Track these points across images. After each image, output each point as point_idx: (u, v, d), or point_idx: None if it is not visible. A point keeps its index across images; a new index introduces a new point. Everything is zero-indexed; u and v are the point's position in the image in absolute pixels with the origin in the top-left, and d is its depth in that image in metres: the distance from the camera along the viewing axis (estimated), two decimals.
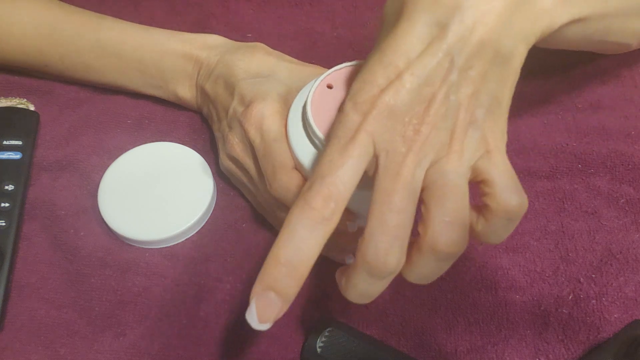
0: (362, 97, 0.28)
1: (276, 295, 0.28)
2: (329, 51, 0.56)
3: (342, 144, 0.28)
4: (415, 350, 0.41)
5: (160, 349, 0.41)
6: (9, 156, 0.48)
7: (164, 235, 0.44)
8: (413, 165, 0.27)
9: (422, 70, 0.27)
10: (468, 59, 0.28)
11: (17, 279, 0.44)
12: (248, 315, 0.28)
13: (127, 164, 0.47)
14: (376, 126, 0.27)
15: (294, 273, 0.27)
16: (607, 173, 0.47)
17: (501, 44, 0.28)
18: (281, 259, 0.27)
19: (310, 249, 0.27)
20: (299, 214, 0.27)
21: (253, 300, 0.28)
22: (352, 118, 0.28)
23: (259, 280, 0.28)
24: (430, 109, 0.27)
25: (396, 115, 0.27)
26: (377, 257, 0.27)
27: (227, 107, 0.43)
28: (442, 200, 0.27)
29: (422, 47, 0.27)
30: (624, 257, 0.44)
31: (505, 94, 0.29)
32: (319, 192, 0.27)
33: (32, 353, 0.41)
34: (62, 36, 0.49)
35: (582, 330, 0.41)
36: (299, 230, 0.27)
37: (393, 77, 0.27)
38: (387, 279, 0.28)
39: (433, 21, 0.28)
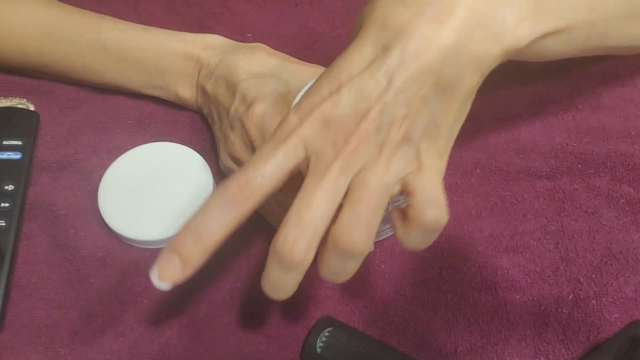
0: (304, 104, 0.30)
1: (179, 259, 0.30)
2: (329, 51, 0.56)
3: (275, 142, 0.30)
4: (415, 350, 0.41)
5: (160, 349, 0.41)
6: (9, 156, 0.48)
7: (164, 235, 0.44)
8: (338, 171, 0.29)
9: (359, 86, 0.29)
10: (406, 82, 0.29)
11: (17, 279, 0.44)
12: (151, 271, 0.31)
13: (127, 164, 0.47)
14: (310, 131, 0.29)
15: (199, 242, 0.30)
16: (607, 173, 0.47)
17: (444, 71, 0.29)
18: (191, 228, 0.30)
19: (218, 225, 0.30)
20: (216, 194, 0.30)
21: (158, 260, 0.30)
22: (291, 121, 0.30)
23: (169, 243, 0.31)
24: (362, 122, 0.29)
25: (330, 125, 0.29)
26: (284, 246, 0.29)
27: (229, 107, 0.43)
28: (356, 203, 0.29)
29: (364, 66, 0.29)
30: (624, 257, 0.44)
31: (447, 120, 0.30)
32: (237, 179, 0.29)
33: (32, 353, 0.41)
34: (62, 36, 0.49)
35: (582, 330, 0.41)
36: (212, 208, 0.30)
37: (334, 90, 0.29)
38: (295, 271, 0.30)
39: (379, 43, 0.29)
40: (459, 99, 0.30)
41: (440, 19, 0.28)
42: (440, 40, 0.28)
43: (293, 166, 0.30)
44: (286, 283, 0.31)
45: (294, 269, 0.30)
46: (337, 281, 0.32)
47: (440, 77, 0.29)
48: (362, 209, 0.29)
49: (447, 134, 0.31)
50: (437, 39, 0.28)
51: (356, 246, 0.29)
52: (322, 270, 0.31)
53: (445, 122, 0.30)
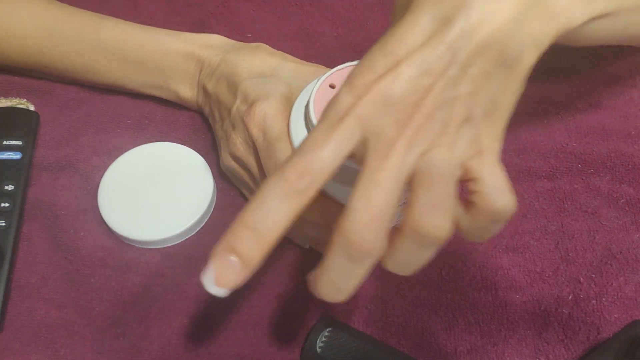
0: (358, 82, 0.27)
1: (238, 258, 0.27)
2: (329, 51, 0.56)
3: (329, 124, 0.27)
4: (415, 350, 0.41)
5: (160, 349, 0.41)
6: (9, 156, 0.48)
7: (164, 235, 0.44)
8: (403, 150, 0.27)
9: (421, 61, 0.27)
10: (470, 56, 0.27)
11: (17, 279, 0.44)
12: (204, 276, 0.27)
13: (127, 164, 0.47)
14: (368, 111, 0.27)
15: (259, 239, 0.27)
16: (607, 173, 0.47)
17: (507, 46, 0.28)
18: (248, 223, 0.27)
19: (279, 219, 0.27)
20: (272, 184, 0.27)
21: (212, 261, 0.27)
22: (345, 100, 0.27)
23: (222, 241, 0.27)
24: (426, 99, 0.27)
25: (390, 103, 0.27)
26: (355, 232, 0.26)
27: (230, 106, 0.43)
28: (429, 186, 0.27)
29: (424, 39, 0.27)
30: (624, 257, 0.44)
31: (505, 99, 0.29)
32: (295, 166, 0.26)
33: (32, 353, 0.41)
34: (62, 36, 0.49)
35: (582, 330, 0.41)
36: (270, 199, 0.27)
37: (392, 66, 0.27)
38: (364, 262, 0.27)
39: (439, 15, 0.27)
40: (518, 77, 0.29)
41: None
42: (502, 14, 0.27)
43: (351, 149, 0.27)
44: (351, 279, 0.28)
45: (364, 260, 0.27)
46: (405, 273, 0.29)
47: (503, 53, 0.28)
48: (438, 191, 0.27)
49: (504, 115, 0.29)
50: (499, 12, 0.27)
51: (438, 231, 0.27)
52: (391, 262, 0.29)
53: (504, 101, 0.29)
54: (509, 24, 0.27)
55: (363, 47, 0.56)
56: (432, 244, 0.28)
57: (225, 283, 0.27)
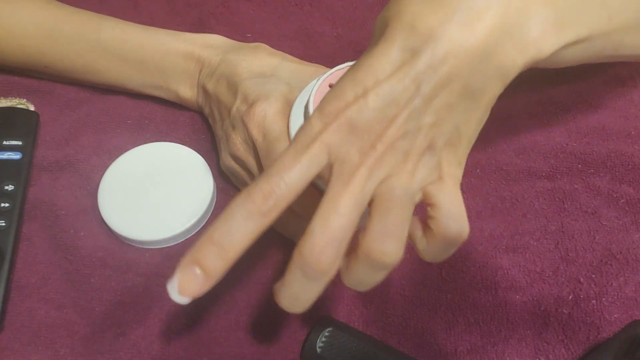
0: (327, 109, 0.29)
1: (201, 271, 0.29)
2: (329, 51, 0.56)
3: (297, 148, 0.29)
4: (415, 350, 0.41)
5: (160, 349, 0.41)
6: (9, 156, 0.48)
7: (164, 235, 0.44)
8: (364, 177, 0.28)
9: (387, 91, 0.28)
10: (434, 88, 0.28)
11: (17, 279, 0.44)
12: (170, 285, 0.29)
13: (127, 164, 0.47)
14: (334, 137, 0.28)
15: (222, 254, 0.28)
16: (607, 173, 0.47)
17: (472, 79, 0.28)
18: (214, 239, 0.29)
19: (242, 236, 0.28)
20: (240, 202, 0.28)
21: (178, 272, 0.29)
22: (314, 126, 0.29)
23: (189, 254, 0.29)
24: (389, 129, 0.28)
25: (356, 130, 0.28)
26: (311, 253, 0.28)
27: (230, 106, 0.43)
28: (384, 213, 0.29)
29: (392, 70, 0.28)
30: (624, 257, 0.44)
31: (468, 128, 0.30)
32: (261, 189, 0.28)
33: (32, 353, 0.41)
34: (62, 37, 0.49)
35: (582, 330, 0.41)
36: (236, 217, 0.28)
37: (360, 94, 0.28)
38: (319, 281, 0.29)
39: (407, 47, 0.28)
40: (483, 107, 0.30)
41: (470, 25, 0.28)
42: (469, 47, 0.28)
43: (316, 173, 0.29)
44: (307, 295, 0.30)
45: (319, 279, 0.29)
46: (361, 290, 0.31)
47: (467, 84, 0.28)
48: (392, 218, 0.28)
49: (467, 142, 0.30)
50: (466, 45, 0.28)
51: (389, 257, 0.29)
52: (348, 280, 0.31)
53: (468, 129, 0.30)
54: (475, 58, 0.28)
55: (363, 47, 0.56)
56: (383, 268, 0.29)
57: (187, 293, 0.29)
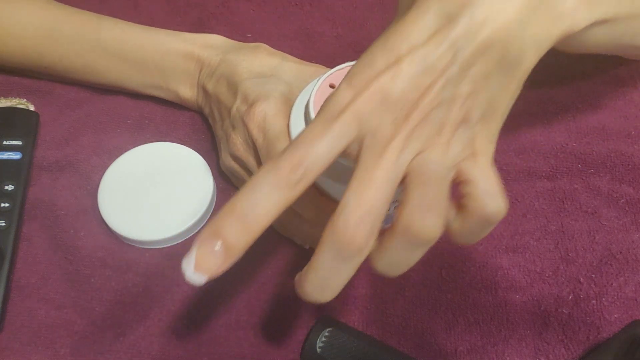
0: (357, 78, 0.27)
1: (222, 245, 0.26)
2: (329, 51, 0.56)
3: (326, 118, 0.27)
4: (415, 350, 0.41)
5: (160, 349, 0.41)
6: (9, 156, 0.48)
7: (164, 235, 0.44)
8: (398, 149, 0.27)
9: (422, 58, 0.27)
10: (472, 55, 0.27)
11: (17, 279, 0.44)
12: (185, 262, 0.27)
13: (127, 164, 0.47)
14: (366, 107, 0.27)
15: (246, 227, 0.26)
16: (607, 173, 0.47)
17: (509, 47, 0.27)
18: (236, 210, 0.26)
19: (268, 209, 0.26)
20: (265, 173, 0.26)
21: (196, 246, 0.26)
22: (343, 95, 0.27)
23: (208, 226, 0.27)
24: (424, 98, 0.27)
25: (389, 100, 0.27)
26: (346, 228, 0.26)
27: (230, 106, 0.43)
28: (422, 187, 0.27)
29: (427, 36, 0.27)
30: (624, 257, 0.44)
31: (503, 101, 0.29)
32: (289, 158, 0.26)
33: (32, 353, 0.41)
34: (62, 37, 0.49)
35: (582, 330, 0.41)
36: (261, 188, 0.26)
37: (392, 62, 0.27)
38: (353, 261, 0.27)
39: (443, 12, 0.27)
40: (518, 79, 0.28)
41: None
42: (507, 14, 0.27)
43: (346, 145, 0.27)
44: (338, 278, 0.28)
45: (353, 258, 0.27)
46: (393, 274, 0.29)
47: (505, 54, 0.27)
48: (430, 192, 0.27)
49: (500, 117, 0.29)
50: (504, 12, 0.27)
51: (429, 232, 0.27)
52: (381, 262, 0.28)
53: (502, 103, 0.29)
54: (513, 25, 0.27)
55: (363, 47, 0.56)
56: (423, 244, 0.28)
57: (205, 269, 0.26)
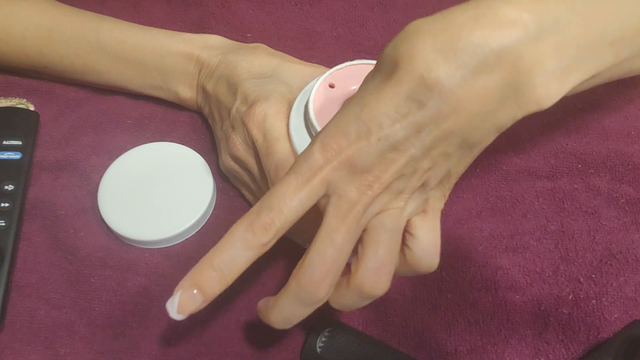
0: (330, 144, 0.30)
1: (199, 293, 0.31)
2: (329, 51, 0.56)
3: (298, 181, 0.30)
4: (415, 350, 0.41)
5: (160, 349, 0.41)
6: (9, 156, 0.48)
7: (164, 235, 0.44)
8: (360, 213, 0.30)
9: (389, 138, 0.29)
10: (434, 141, 0.29)
11: (17, 279, 0.44)
12: (169, 304, 0.32)
13: (127, 164, 0.47)
14: (335, 174, 0.30)
15: (221, 279, 0.31)
16: (607, 173, 0.47)
17: (472, 134, 0.29)
18: (214, 264, 0.31)
19: (241, 264, 0.31)
20: (242, 232, 0.30)
21: (178, 293, 0.32)
22: (316, 160, 0.30)
23: (189, 276, 0.31)
24: (387, 171, 0.30)
25: (356, 169, 0.30)
26: (310, 284, 0.30)
27: (230, 107, 0.43)
28: (376, 246, 0.31)
29: (396, 117, 0.29)
30: (624, 257, 0.44)
31: (459, 170, 0.32)
32: (263, 221, 0.30)
33: (32, 353, 0.41)
34: (61, 37, 0.49)
35: (582, 330, 0.41)
36: (237, 246, 0.31)
37: (362, 135, 0.29)
38: (311, 307, 0.32)
39: (415, 97, 0.28)
40: (475, 154, 0.31)
41: (479, 85, 0.28)
42: (475, 106, 0.28)
43: (314, 203, 0.31)
44: (298, 316, 0.32)
45: (313, 305, 0.32)
46: (344, 310, 0.34)
47: (466, 138, 0.30)
48: (383, 254, 0.31)
49: (454, 180, 0.33)
50: (472, 105, 0.28)
51: (379, 290, 0.32)
52: (335, 304, 0.33)
53: (458, 171, 0.32)
54: (478, 116, 0.29)
55: (363, 47, 0.56)
56: (372, 298, 0.32)
57: (185, 311, 0.32)
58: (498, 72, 0.28)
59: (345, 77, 0.39)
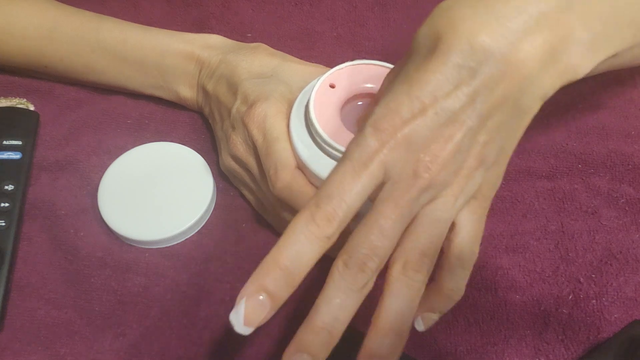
0: (383, 125, 0.28)
1: (268, 298, 0.28)
2: (329, 51, 0.56)
3: (355, 167, 0.28)
4: (415, 350, 0.41)
5: (160, 349, 0.41)
6: (9, 156, 0.48)
7: (164, 235, 0.44)
8: (414, 198, 0.29)
9: (445, 110, 0.28)
10: (490, 108, 0.29)
11: (17, 279, 0.44)
12: (233, 316, 0.28)
13: (127, 164, 0.47)
14: (392, 156, 0.28)
15: (289, 279, 0.28)
16: (607, 173, 0.47)
17: (522, 100, 0.29)
18: (280, 263, 0.28)
19: (308, 260, 0.28)
20: (304, 225, 0.28)
21: (242, 301, 0.28)
22: (370, 143, 0.28)
23: (253, 280, 0.28)
24: (445, 148, 0.28)
25: (412, 149, 0.28)
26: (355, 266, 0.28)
27: (230, 107, 0.43)
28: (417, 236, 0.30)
29: (449, 88, 0.28)
30: (624, 257, 0.44)
31: (512, 145, 0.31)
32: (325, 211, 0.28)
33: (32, 353, 0.41)
34: (62, 37, 0.49)
35: (582, 330, 0.41)
36: (301, 240, 0.28)
37: (417, 111, 0.28)
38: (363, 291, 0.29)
39: (465, 65, 0.28)
40: (525, 125, 0.31)
41: (525, 48, 0.28)
42: (522, 70, 0.29)
43: (373, 190, 0.29)
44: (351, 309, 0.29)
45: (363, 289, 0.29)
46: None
47: (518, 104, 0.29)
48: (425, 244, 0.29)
49: (507, 160, 0.31)
50: (521, 68, 0.28)
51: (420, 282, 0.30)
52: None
53: (511, 147, 0.31)
54: (526, 80, 0.29)
55: (363, 47, 0.56)
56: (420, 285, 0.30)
57: (253, 322, 0.28)
58: (539, 36, 0.28)
59: (346, 77, 0.39)
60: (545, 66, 0.29)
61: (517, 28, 0.28)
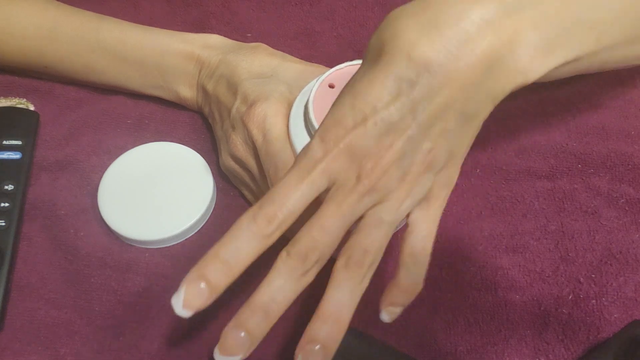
0: (328, 136, 0.30)
1: (207, 286, 0.31)
2: (329, 51, 0.56)
3: (299, 174, 0.31)
4: (415, 350, 0.41)
5: (160, 349, 0.41)
6: (9, 156, 0.48)
7: (164, 235, 0.44)
8: (355, 201, 0.30)
9: (384, 121, 0.29)
10: (430, 117, 0.29)
11: (17, 279, 0.44)
12: (174, 299, 0.31)
13: (127, 164, 0.47)
14: (334, 164, 0.30)
15: (227, 270, 0.31)
16: (607, 173, 0.47)
17: (468, 105, 0.30)
18: (220, 256, 0.31)
19: (246, 255, 0.31)
20: (246, 224, 0.31)
21: (184, 287, 0.31)
22: (316, 152, 0.30)
23: (195, 269, 0.31)
24: (385, 156, 0.30)
25: (355, 157, 0.30)
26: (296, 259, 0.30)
27: (230, 107, 0.43)
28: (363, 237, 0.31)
29: (388, 99, 0.29)
30: (624, 257, 0.44)
31: (462, 149, 0.32)
32: (266, 213, 0.30)
33: (32, 353, 0.41)
34: (62, 37, 0.49)
35: (582, 330, 0.41)
36: (242, 237, 0.31)
37: (359, 121, 0.30)
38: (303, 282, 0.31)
39: (404, 77, 0.29)
40: (475, 128, 0.31)
41: (465, 55, 0.29)
42: (463, 77, 0.29)
43: (316, 196, 0.31)
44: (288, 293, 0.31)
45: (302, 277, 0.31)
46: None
47: (462, 111, 0.30)
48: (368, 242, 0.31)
49: (460, 160, 0.32)
50: (460, 75, 0.29)
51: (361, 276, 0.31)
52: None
53: (461, 150, 0.32)
54: (471, 86, 0.29)
55: (363, 47, 0.56)
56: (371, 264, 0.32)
57: (192, 306, 0.31)
58: (481, 42, 0.29)
59: (345, 77, 0.39)
60: (490, 71, 0.29)
61: (457, 36, 0.29)
